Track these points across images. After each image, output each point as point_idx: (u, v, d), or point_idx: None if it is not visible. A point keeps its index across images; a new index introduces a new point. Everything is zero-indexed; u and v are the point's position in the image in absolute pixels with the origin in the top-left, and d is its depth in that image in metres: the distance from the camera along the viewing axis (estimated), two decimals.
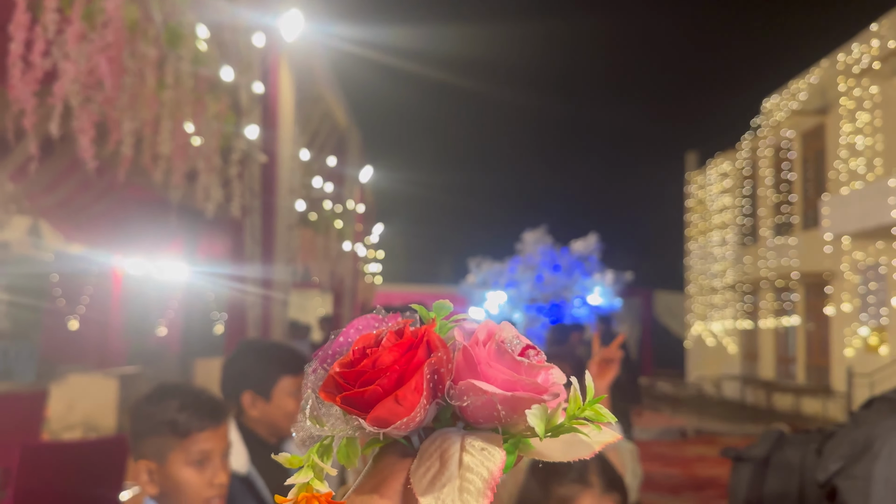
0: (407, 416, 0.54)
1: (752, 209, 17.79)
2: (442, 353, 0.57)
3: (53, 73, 2.53)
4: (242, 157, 4.24)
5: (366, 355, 0.57)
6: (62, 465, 2.89)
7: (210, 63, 3.57)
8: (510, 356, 0.57)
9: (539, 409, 0.55)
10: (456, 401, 0.56)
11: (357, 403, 0.55)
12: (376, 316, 0.61)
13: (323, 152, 9.86)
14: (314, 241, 8.38)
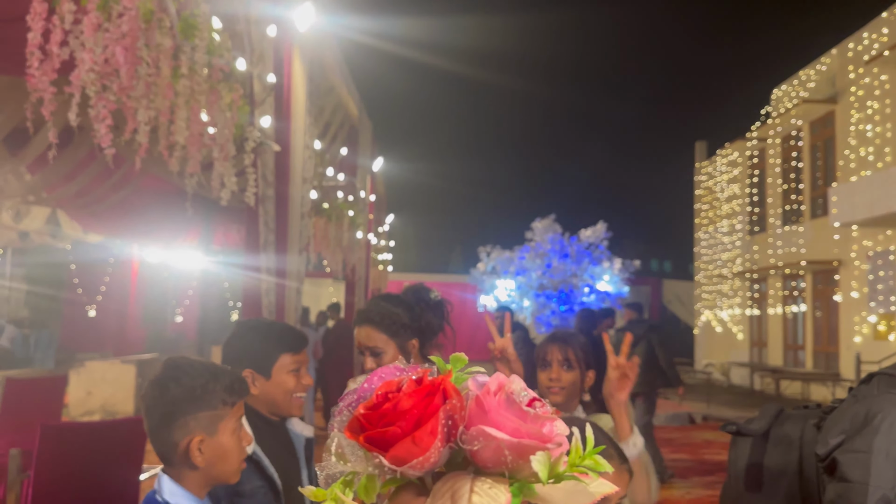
0: (422, 455, 0.60)
1: (761, 198, 17.71)
2: (456, 400, 0.63)
3: (70, 63, 2.58)
4: (256, 146, 4.29)
5: (387, 399, 0.63)
6: (81, 445, 2.97)
7: (224, 53, 3.62)
8: (518, 406, 0.63)
9: (543, 455, 0.60)
10: (467, 445, 0.62)
11: (378, 443, 0.61)
12: (398, 366, 0.69)
13: (335, 143, 9.92)
14: (327, 229, 8.45)
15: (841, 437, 1.56)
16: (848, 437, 1.55)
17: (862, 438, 1.53)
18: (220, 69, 3.44)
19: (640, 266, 7.83)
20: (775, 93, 17.28)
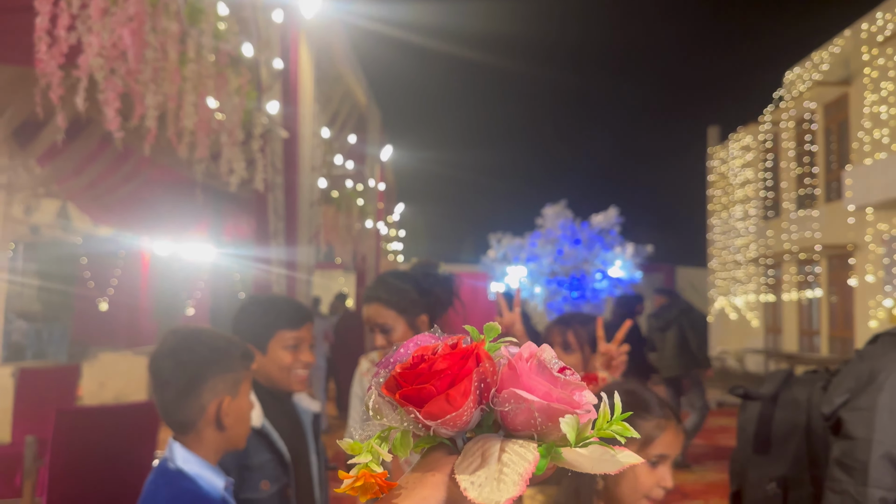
0: (455, 412, 0.63)
1: (775, 182, 17.57)
2: (489, 364, 0.66)
3: (78, 48, 2.57)
4: (264, 132, 4.28)
5: (423, 360, 0.67)
6: (96, 430, 2.98)
7: (230, 38, 3.60)
8: (549, 372, 0.66)
9: (572, 419, 0.63)
10: (499, 406, 0.65)
11: (413, 400, 0.65)
12: (433, 335, 0.71)
13: (343, 131, 9.89)
14: (336, 218, 8.44)
15: (846, 395, 1.57)
16: (852, 396, 1.55)
17: (866, 396, 1.52)
18: (227, 54, 3.43)
19: (652, 251, 7.77)
20: (788, 76, 17.10)
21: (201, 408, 1.44)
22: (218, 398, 1.45)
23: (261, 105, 4.34)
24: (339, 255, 9.40)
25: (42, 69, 2.51)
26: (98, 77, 2.66)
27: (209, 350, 1.46)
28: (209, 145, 3.43)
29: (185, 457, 1.43)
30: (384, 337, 2.07)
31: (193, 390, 1.43)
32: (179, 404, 1.43)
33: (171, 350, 1.45)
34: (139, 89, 2.79)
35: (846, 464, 1.52)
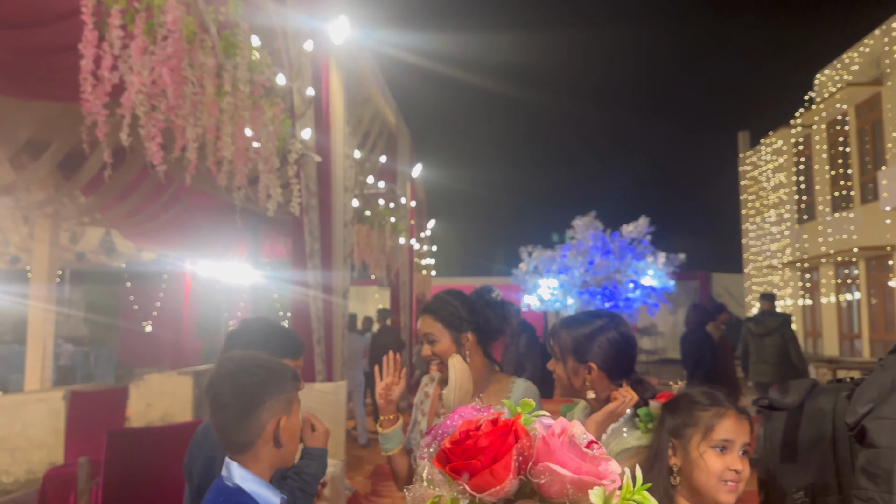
0: (498, 485, 0.74)
1: (809, 185, 17.27)
2: (526, 440, 0.77)
3: (121, 86, 2.72)
4: (299, 157, 4.41)
5: (469, 436, 0.78)
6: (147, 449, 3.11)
7: (264, 70, 3.74)
8: (579, 448, 0.77)
9: (600, 490, 0.74)
10: (535, 478, 0.75)
11: (461, 472, 0.75)
12: (474, 406, 0.82)
13: (374, 151, 10.06)
14: (370, 236, 8.58)
15: (869, 405, 1.58)
16: (876, 405, 1.57)
17: (889, 405, 1.54)
18: (261, 85, 3.56)
19: (685, 259, 7.71)
20: (818, 77, 16.88)
21: (260, 427, 1.52)
22: (276, 417, 1.53)
23: (295, 132, 4.48)
24: (373, 271, 9.53)
25: (88, 108, 2.66)
26: (140, 113, 2.80)
27: (266, 372, 1.55)
28: (247, 172, 3.56)
29: (242, 475, 1.51)
30: (430, 347, 2.21)
31: (254, 411, 1.51)
32: (240, 425, 1.51)
33: (231, 374, 1.54)
34: (179, 123, 2.92)
35: (871, 472, 1.54)
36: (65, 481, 4.75)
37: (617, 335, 1.90)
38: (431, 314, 2.24)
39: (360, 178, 7.93)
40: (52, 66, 3.67)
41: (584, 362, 1.89)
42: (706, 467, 1.55)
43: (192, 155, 3.16)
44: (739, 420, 1.61)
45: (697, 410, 1.63)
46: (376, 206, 9.19)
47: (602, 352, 1.89)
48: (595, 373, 1.88)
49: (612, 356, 1.89)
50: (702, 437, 1.59)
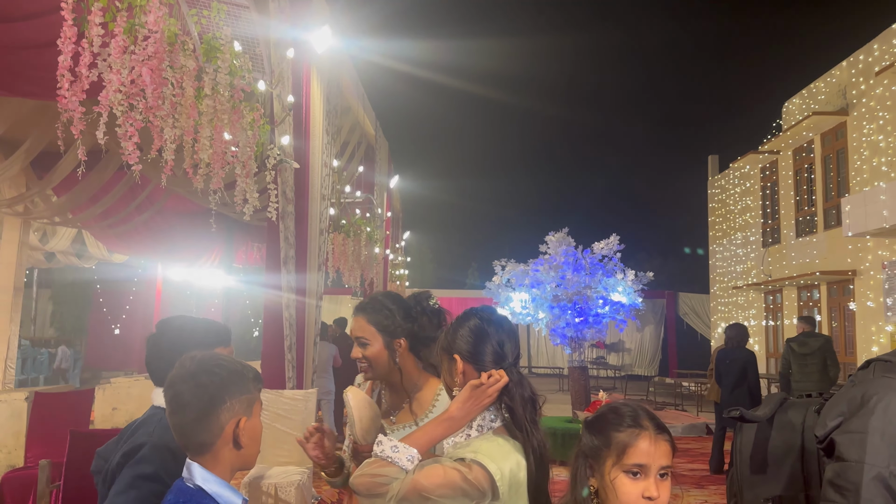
0: None
1: (774, 209, 17.69)
2: None
3: (99, 84, 2.72)
4: (276, 163, 4.41)
5: None
6: None
7: (245, 75, 3.75)
8: None
9: None
10: None
11: None
12: None
13: (352, 161, 10.07)
14: (345, 245, 8.57)
15: (839, 419, 1.63)
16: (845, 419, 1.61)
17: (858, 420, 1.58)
18: (241, 89, 3.57)
19: (653, 278, 7.85)
20: (787, 106, 17.34)
21: (220, 428, 1.50)
22: (236, 418, 1.52)
23: (273, 138, 4.48)
24: (347, 280, 9.50)
25: (64, 105, 2.65)
26: (117, 112, 2.79)
27: (227, 372, 1.54)
28: (224, 176, 3.56)
29: (204, 476, 1.50)
30: (360, 350, 2.15)
31: (213, 411, 1.50)
32: (199, 425, 1.50)
33: (191, 373, 1.52)
34: (157, 123, 2.92)
35: (839, 485, 1.57)
36: (24, 483, 4.66)
37: (478, 322, 1.80)
38: (365, 315, 2.17)
39: (338, 187, 7.93)
40: (29, 62, 3.65)
41: (451, 356, 1.80)
42: (618, 493, 1.46)
43: (169, 156, 3.15)
44: (657, 441, 1.49)
45: (611, 430, 1.52)
46: (353, 216, 9.19)
47: (463, 341, 1.78)
48: (460, 364, 1.77)
49: (474, 344, 1.77)
50: (615, 461, 1.49)
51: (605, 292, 7.73)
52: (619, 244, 7.96)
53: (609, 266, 7.90)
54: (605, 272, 7.83)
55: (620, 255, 8.01)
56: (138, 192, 8.07)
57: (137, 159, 2.76)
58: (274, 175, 4.35)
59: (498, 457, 1.62)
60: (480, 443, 1.67)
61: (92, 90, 2.74)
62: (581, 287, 7.66)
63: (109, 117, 2.78)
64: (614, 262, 7.92)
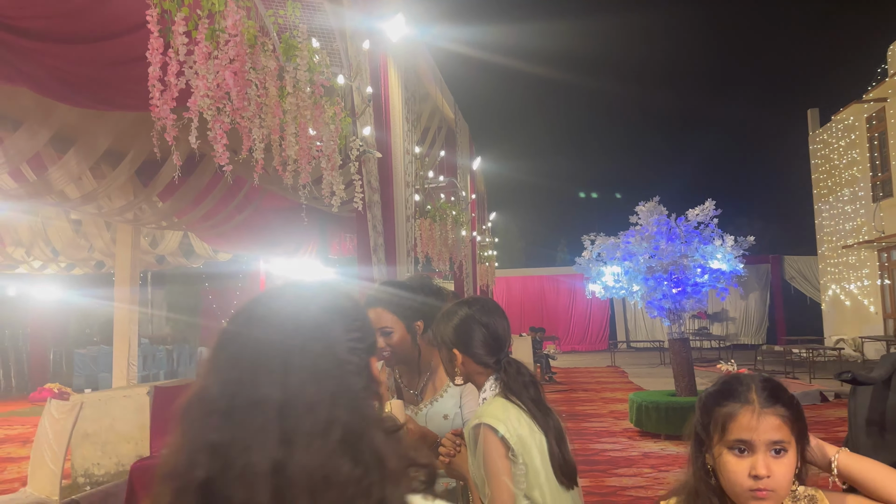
0: None
1: (884, 161, 16.45)
2: None
3: (187, 91, 2.85)
4: (360, 154, 4.50)
5: None
6: None
7: (324, 70, 3.84)
8: None
9: None
10: None
11: None
12: None
13: (434, 147, 10.13)
14: (432, 230, 8.65)
15: None
16: None
17: None
18: (321, 85, 3.66)
19: (755, 242, 7.46)
20: (892, 49, 16.06)
21: None
22: None
23: (355, 129, 4.57)
24: (437, 264, 9.61)
25: (157, 113, 2.80)
26: (207, 116, 2.93)
27: None
28: (311, 171, 3.66)
29: None
30: (385, 339, 2.22)
31: None
32: None
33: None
34: (245, 124, 3.04)
35: None
36: (151, 472, 4.99)
37: (472, 320, 1.96)
38: (383, 305, 2.26)
39: (421, 174, 8.00)
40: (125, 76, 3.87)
41: (450, 350, 1.96)
42: (727, 473, 1.39)
43: (259, 155, 3.27)
44: (761, 415, 1.38)
45: (714, 404, 1.45)
46: (437, 200, 9.25)
47: (459, 336, 1.94)
48: (460, 357, 1.94)
49: (470, 339, 1.93)
50: (719, 437, 1.41)
51: (704, 260, 7.43)
52: (715, 209, 7.62)
53: (706, 233, 7.58)
54: (701, 239, 7.53)
55: (718, 222, 7.68)
56: (235, 192, 8.43)
57: (228, 160, 2.89)
58: (358, 166, 4.44)
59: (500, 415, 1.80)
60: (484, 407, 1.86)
61: (181, 98, 2.88)
62: (676, 256, 7.39)
63: (200, 122, 2.92)
64: (711, 229, 7.60)
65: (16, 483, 6.51)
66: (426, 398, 2.31)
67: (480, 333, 1.95)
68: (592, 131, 60.05)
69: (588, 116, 58.30)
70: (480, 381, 1.96)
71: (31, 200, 6.73)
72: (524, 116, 59.01)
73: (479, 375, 1.96)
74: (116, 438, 6.45)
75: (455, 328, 1.96)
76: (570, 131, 59.25)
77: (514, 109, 56.05)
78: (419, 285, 2.36)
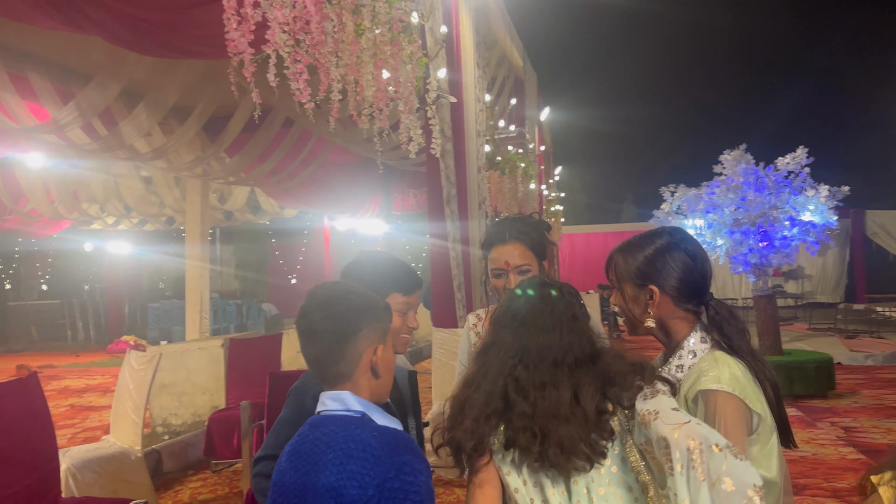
0: None
1: None
2: None
3: (264, 24, 2.67)
4: (435, 99, 4.28)
5: None
6: None
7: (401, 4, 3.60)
8: None
9: None
10: None
11: None
12: None
13: (502, 95, 9.79)
14: (501, 183, 8.40)
15: None
16: None
17: None
18: (398, 20, 3.43)
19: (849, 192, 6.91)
20: None
21: (359, 356, 1.42)
22: (373, 346, 1.44)
23: (429, 72, 4.34)
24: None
25: (233, 48, 2.63)
26: (283, 53, 2.75)
27: (361, 299, 1.46)
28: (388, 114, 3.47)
29: (362, 402, 1.43)
30: (521, 279, 1.99)
31: (351, 339, 1.42)
32: (337, 354, 1.42)
33: (324, 303, 1.45)
34: (323, 61, 2.85)
35: None
36: (228, 423, 5.02)
37: (680, 252, 1.61)
38: (523, 242, 2.04)
39: (491, 123, 7.72)
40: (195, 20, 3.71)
41: (644, 286, 1.61)
42: None
43: (337, 97, 3.09)
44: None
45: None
46: (506, 152, 8.97)
47: (663, 272, 1.59)
48: (657, 297, 1.60)
49: (676, 276, 1.59)
50: None
51: (794, 212, 6.95)
52: (808, 157, 7.09)
53: (796, 183, 7.08)
54: (791, 190, 7.03)
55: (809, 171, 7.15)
56: (301, 147, 8.37)
57: (309, 97, 2.71)
58: (434, 111, 4.22)
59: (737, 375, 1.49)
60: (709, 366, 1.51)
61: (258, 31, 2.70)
62: (765, 208, 6.93)
63: (277, 59, 2.74)
64: (802, 179, 7.08)
65: (98, 431, 6.71)
66: None
67: (687, 266, 1.60)
68: (667, 74, 57.08)
69: (664, 57, 55.30)
70: (678, 327, 1.62)
71: (103, 155, 6.78)
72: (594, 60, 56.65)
73: (677, 321, 1.62)
74: (192, 389, 6.56)
75: (651, 258, 1.61)
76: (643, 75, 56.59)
77: (585, 51, 53.79)
78: (540, 223, 2.14)
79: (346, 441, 1.33)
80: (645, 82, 56.61)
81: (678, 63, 56.20)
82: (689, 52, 57.01)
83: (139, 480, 3.99)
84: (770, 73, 54.02)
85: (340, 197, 10.62)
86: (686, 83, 56.56)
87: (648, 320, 1.62)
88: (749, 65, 55.79)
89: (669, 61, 56.53)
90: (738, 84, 55.45)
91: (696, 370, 1.53)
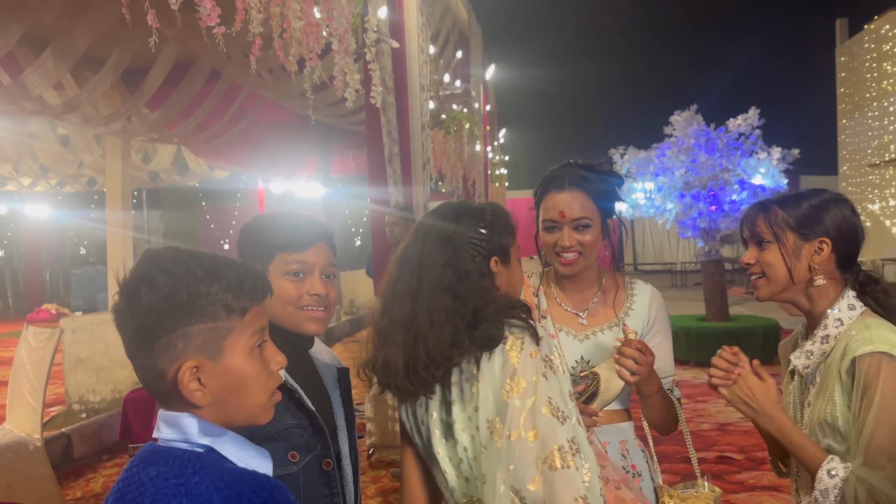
0: None
1: None
2: None
3: None
4: (375, 41, 3.83)
5: None
6: None
7: None
8: None
9: None
10: None
11: None
12: None
13: (447, 49, 9.34)
14: (445, 143, 8.00)
15: None
16: None
17: None
18: None
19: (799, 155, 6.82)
20: None
21: (159, 373, 0.97)
22: (178, 361, 0.95)
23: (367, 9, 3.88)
24: (449, 181, 8.99)
25: None
26: None
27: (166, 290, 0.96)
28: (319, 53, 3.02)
29: (208, 428, 0.96)
30: (576, 236, 1.65)
31: (144, 348, 0.98)
32: (135, 364, 1.00)
33: (130, 282, 0.99)
34: None
35: None
36: (147, 402, 4.57)
37: (847, 206, 1.48)
38: (586, 191, 1.66)
39: (435, 77, 7.29)
40: None
41: (812, 239, 1.45)
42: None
43: (256, 29, 2.63)
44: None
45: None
46: (451, 110, 8.55)
47: (836, 226, 1.45)
48: (826, 252, 1.45)
49: (847, 234, 1.46)
50: None
51: (746, 175, 6.82)
52: (759, 118, 6.94)
53: (747, 145, 6.93)
54: (742, 152, 6.89)
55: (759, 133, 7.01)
56: (230, 102, 7.82)
57: (219, 20, 2.25)
58: (374, 55, 3.78)
59: None
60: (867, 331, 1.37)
61: None
62: (717, 171, 6.77)
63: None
64: (752, 141, 6.94)
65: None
66: (595, 324, 1.73)
67: (854, 224, 1.46)
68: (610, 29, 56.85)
69: (605, 14, 55.14)
70: (826, 294, 1.47)
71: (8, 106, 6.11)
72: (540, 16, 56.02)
73: (829, 284, 1.47)
74: (111, 364, 6.03)
75: (819, 207, 1.46)
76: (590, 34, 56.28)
77: (530, 6, 53.05)
78: (611, 174, 1.74)
79: (176, 497, 0.87)
80: (591, 40, 56.38)
81: (627, 20, 56.28)
82: (639, 8, 57.14)
83: (39, 472, 3.53)
84: (722, 30, 54.58)
85: (274, 158, 10.05)
86: (635, 41, 56.78)
87: (818, 277, 1.46)
88: (700, 22, 56.30)
89: (618, 19, 56.53)
90: (689, 42, 55.93)
91: (846, 337, 1.39)
